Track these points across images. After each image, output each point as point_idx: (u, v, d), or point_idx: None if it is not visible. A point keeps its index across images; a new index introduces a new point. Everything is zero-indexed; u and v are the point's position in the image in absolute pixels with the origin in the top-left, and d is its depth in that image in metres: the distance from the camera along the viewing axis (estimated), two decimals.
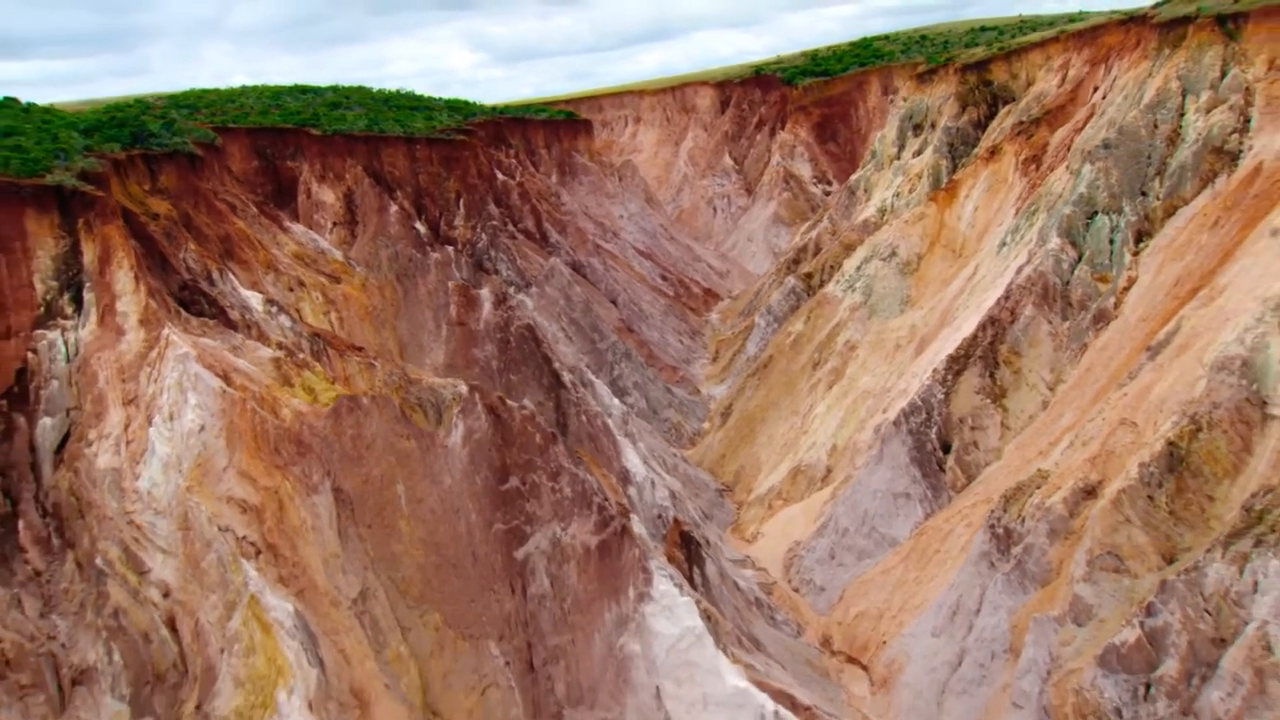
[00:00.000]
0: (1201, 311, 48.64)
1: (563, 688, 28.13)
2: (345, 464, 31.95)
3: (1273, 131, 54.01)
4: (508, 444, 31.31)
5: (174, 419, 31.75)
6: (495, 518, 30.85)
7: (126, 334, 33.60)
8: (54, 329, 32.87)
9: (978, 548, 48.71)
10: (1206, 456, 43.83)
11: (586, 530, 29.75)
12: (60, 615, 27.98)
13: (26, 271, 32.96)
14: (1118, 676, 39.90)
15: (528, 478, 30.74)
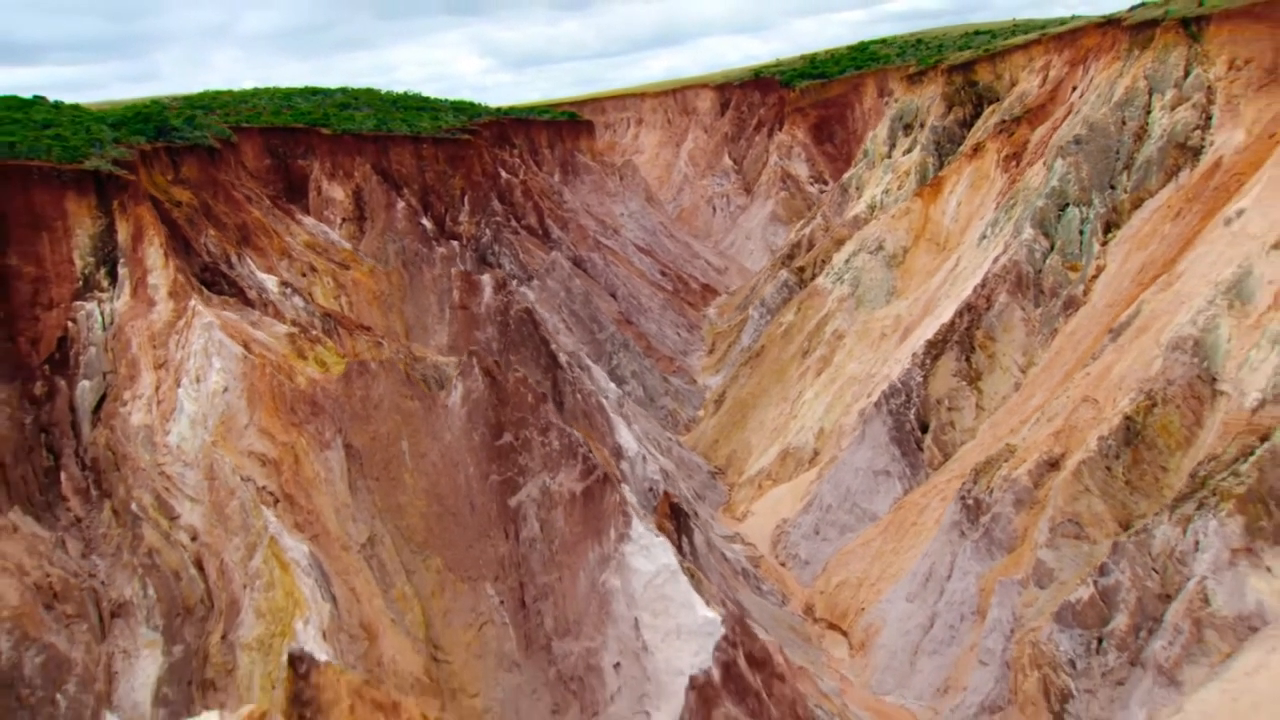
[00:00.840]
0: (1160, 296, 51.34)
1: (551, 621, 30.88)
2: (355, 422, 34.85)
3: (1232, 128, 56.69)
4: (502, 403, 34.11)
5: (200, 381, 34.71)
6: (491, 470, 33.70)
7: (157, 305, 36.57)
8: (91, 300, 35.85)
9: (949, 518, 51.39)
10: (1161, 430, 46.52)
11: (572, 479, 32.55)
12: (99, 556, 30.85)
13: (67, 248, 35.94)
14: (1072, 631, 42.56)
15: (520, 433, 33.54)
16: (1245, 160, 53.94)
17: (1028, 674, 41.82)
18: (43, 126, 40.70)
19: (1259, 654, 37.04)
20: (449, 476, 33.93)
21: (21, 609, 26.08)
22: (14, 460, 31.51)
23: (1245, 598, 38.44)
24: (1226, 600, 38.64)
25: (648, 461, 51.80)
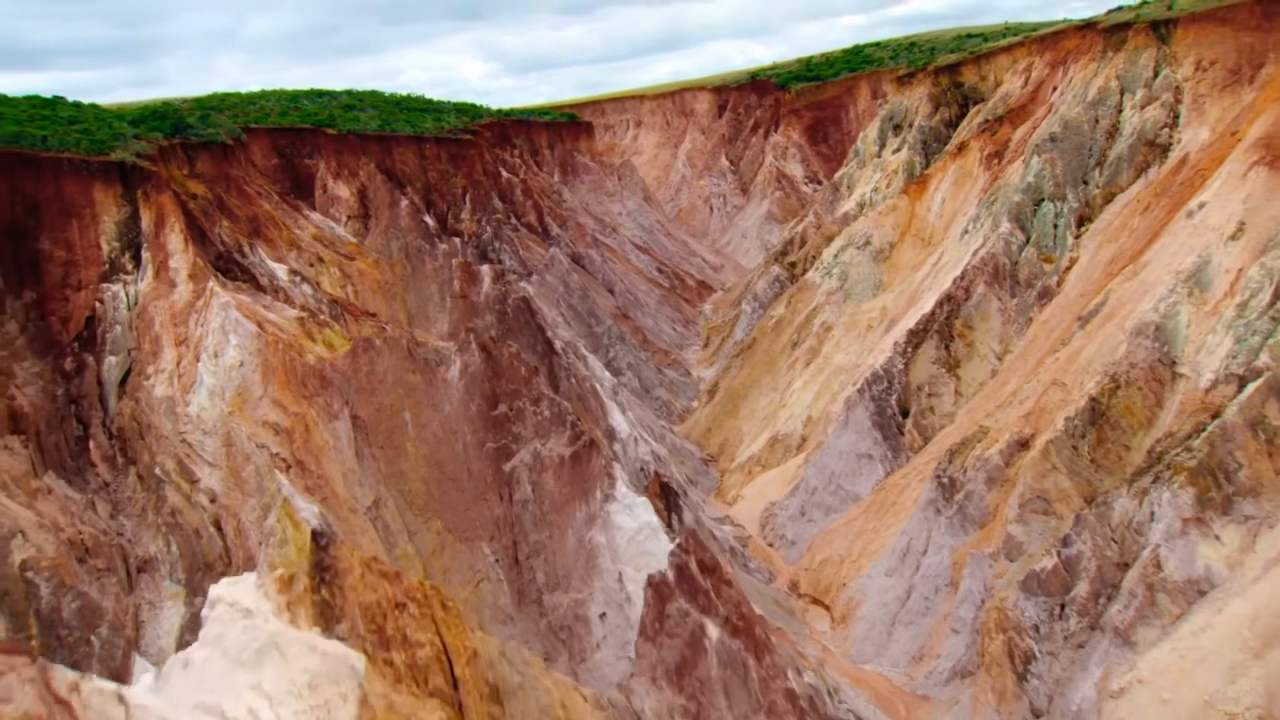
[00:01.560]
0: (1126, 285, 53.71)
1: (542, 576, 33.18)
2: (361, 395, 37.24)
3: (1198, 126, 59.08)
4: (497, 376, 36.47)
5: (218, 356, 37.13)
6: (486, 438, 36.04)
7: (178, 286, 39.00)
8: (117, 282, 38.27)
9: (925, 496, 53.74)
10: (1124, 410, 48.89)
11: (561, 444, 34.89)
12: (126, 516, 33.21)
13: (94, 234, 38.36)
14: (1037, 599, 44.89)
15: (514, 404, 35.87)
16: (1209, 157, 56.31)
17: (993, 637, 44.13)
18: (69, 122, 43.22)
19: (1206, 615, 39.41)
20: (448, 444, 36.33)
21: (58, 560, 28.41)
22: (47, 429, 33.92)
23: (1195, 564, 40.81)
24: (1178, 566, 41.00)
25: (639, 444, 54.17)
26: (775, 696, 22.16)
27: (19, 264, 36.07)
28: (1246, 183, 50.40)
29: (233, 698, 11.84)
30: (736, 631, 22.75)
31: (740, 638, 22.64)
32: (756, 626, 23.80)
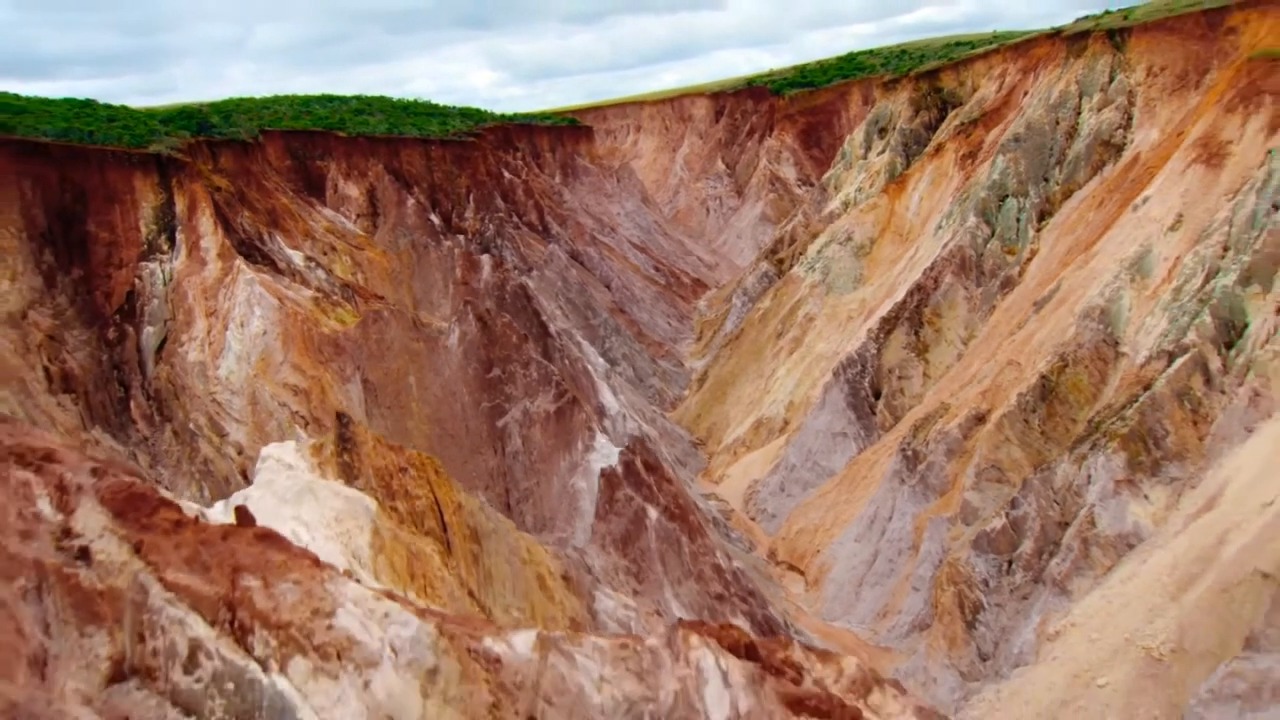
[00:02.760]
0: (1078, 273, 57.64)
1: (531, 519, 37.13)
2: (371, 361, 41.28)
3: (1149, 127, 63.04)
4: (492, 343, 40.42)
5: (244, 326, 41.23)
6: (482, 398, 39.99)
7: (208, 264, 43.08)
8: (154, 261, 42.38)
9: (891, 468, 57.64)
10: (1071, 387, 52.78)
11: (547, 401, 38.82)
12: (164, 466, 37.22)
13: (134, 218, 42.45)
14: (987, 556, 48.75)
15: (506, 368, 39.82)
16: (1157, 155, 60.29)
17: (945, 590, 47.98)
18: (108, 120, 47.33)
19: (1132, 565, 43.32)
20: (448, 404, 40.30)
21: None
22: (94, 389, 37.92)
23: (1125, 520, 44.73)
24: (1110, 523, 44.92)
25: (627, 420, 58.11)
26: (704, 568, 25.98)
27: (69, 245, 40.17)
28: (1185, 178, 54.34)
29: (280, 524, 15.54)
30: (673, 516, 26.69)
31: (675, 521, 26.45)
32: (691, 514, 27.66)
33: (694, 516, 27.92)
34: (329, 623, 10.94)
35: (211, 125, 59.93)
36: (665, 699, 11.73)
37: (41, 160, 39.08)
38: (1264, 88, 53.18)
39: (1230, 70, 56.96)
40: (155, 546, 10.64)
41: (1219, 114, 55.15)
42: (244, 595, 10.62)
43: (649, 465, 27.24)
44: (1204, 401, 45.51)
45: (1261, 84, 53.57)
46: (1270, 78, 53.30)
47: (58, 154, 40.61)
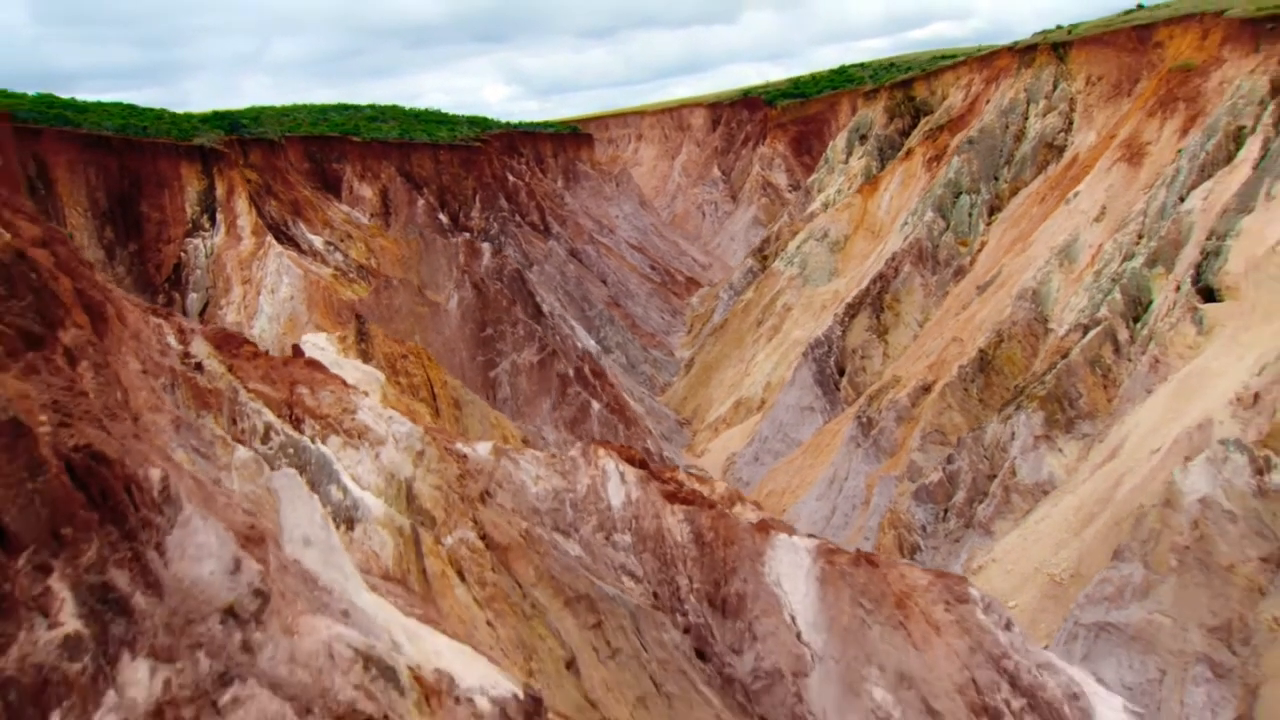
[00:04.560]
0: (1016, 260, 63.05)
1: None
2: (381, 322, 46.94)
3: (1087, 130, 68.47)
4: (486, 306, 45.91)
5: (274, 292, 46.94)
6: (477, 353, 45.51)
7: (243, 240, 48.82)
8: (197, 237, 48.18)
9: (848, 434, 63.04)
10: (1006, 360, 58.15)
11: (531, 354, 44.32)
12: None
13: (181, 201, 48.25)
14: (926, 506, 54.11)
15: (497, 328, 45.34)
16: (1092, 155, 65.74)
17: (887, 533, 53.32)
18: (156, 118, 53.24)
19: (1045, 508, 48.64)
20: (448, 359, 45.97)
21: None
22: None
23: (1041, 470, 50.09)
24: (1029, 472, 50.28)
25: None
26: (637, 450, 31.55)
27: (126, 224, 45.96)
28: (1110, 175, 59.82)
29: None
30: (612, 410, 32.14)
31: (614, 414, 31.80)
32: (628, 410, 33.04)
33: (629, 411, 33.33)
34: (353, 416, 16.41)
35: (242, 126, 65.93)
36: (580, 489, 16.89)
37: (104, 151, 44.95)
38: (1179, 95, 58.67)
39: (1154, 80, 62.45)
40: (240, 367, 16.13)
41: (1142, 118, 60.65)
42: (298, 398, 16.07)
43: (595, 372, 32.59)
44: (1113, 368, 50.88)
45: (1177, 92, 59.06)
46: (1184, 86, 58.79)
47: (117, 146, 46.45)
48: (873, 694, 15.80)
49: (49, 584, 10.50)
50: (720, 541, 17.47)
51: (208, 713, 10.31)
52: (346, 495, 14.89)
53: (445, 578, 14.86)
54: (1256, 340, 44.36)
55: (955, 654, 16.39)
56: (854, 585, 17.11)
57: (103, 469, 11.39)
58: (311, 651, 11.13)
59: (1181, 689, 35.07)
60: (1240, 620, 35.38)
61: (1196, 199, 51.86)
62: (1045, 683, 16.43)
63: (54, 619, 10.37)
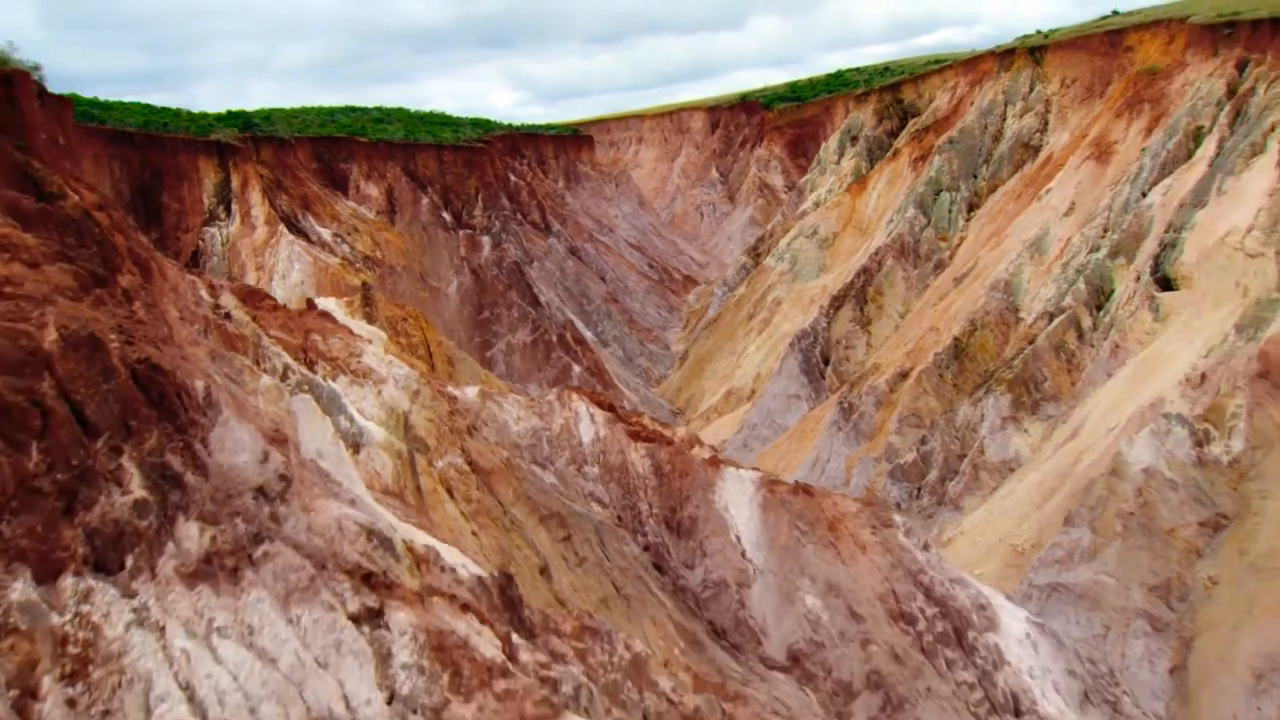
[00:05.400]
0: (991, 253, 65.56)
1: None
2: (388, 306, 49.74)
3: (1061, 131, 70.98)
4: (483, 291, 48.42)
5: (285, 277, 49.57)
6: (475, 334, 48.00)
7: (257, 229, 51.48)
8: (214, 226, 50.83)
9: (830, 418, 65.54)
10: (979, 348, 60.65)
11: (525, 334, 46.88)
12: None
13: (199, 192, 50.91)
14: (901, 484, 56.61)
15: (494, 310, 47.86)
16: (1065, 154, 68.22)
17: None
18: (174, 116, 55.95)
19: (1011, 484, 51.14)
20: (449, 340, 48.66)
21: None
22: None
23: (1008, 449, 52.58)
24: (996, 451, 52.77)
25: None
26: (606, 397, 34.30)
27: (148, 213, 48.64)
28: (1079, 172, 62.33)
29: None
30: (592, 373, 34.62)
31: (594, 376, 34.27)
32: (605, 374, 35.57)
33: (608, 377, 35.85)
34: (359, 359, 19.00)
35: (255, 124, 68.72)
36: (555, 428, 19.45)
37: (127, 146, 47.63)
38: (1145, 97, 61.20)
39: (1122, 82, 64.99)
40: (263, 317, 18.74)
41: (1110, 119, 63.19)
42: (312, 344, 18.65)
43: (576, 339, 35.09)
44: (1076, 353, 53.40)
45: (1143, 94, 61.59)
46: (1150, 88, 61.32)
47: (140, 141, 49.17)
48: (805, 601, 18.23)
49: (121, 462, 13.20)
50: (676, 473, 19.98)
51: (245, 563, 12.95)
52: (353, 424, 17.44)
53: (437, 494, 17.39)
54: (1206, 325, 46.88)
55: (878, 569, 18.84)
56: (792, 510, 19.60)
57: (159, 378, 14.09)
58: (325, 524, 13.78)
59: (1123, 642, 37.58)
60: (1178, 579, 37.90)
61: (1157, 194, 54.36)
62: (956, 594, 18.88)
63: (125, 488, 13.08)
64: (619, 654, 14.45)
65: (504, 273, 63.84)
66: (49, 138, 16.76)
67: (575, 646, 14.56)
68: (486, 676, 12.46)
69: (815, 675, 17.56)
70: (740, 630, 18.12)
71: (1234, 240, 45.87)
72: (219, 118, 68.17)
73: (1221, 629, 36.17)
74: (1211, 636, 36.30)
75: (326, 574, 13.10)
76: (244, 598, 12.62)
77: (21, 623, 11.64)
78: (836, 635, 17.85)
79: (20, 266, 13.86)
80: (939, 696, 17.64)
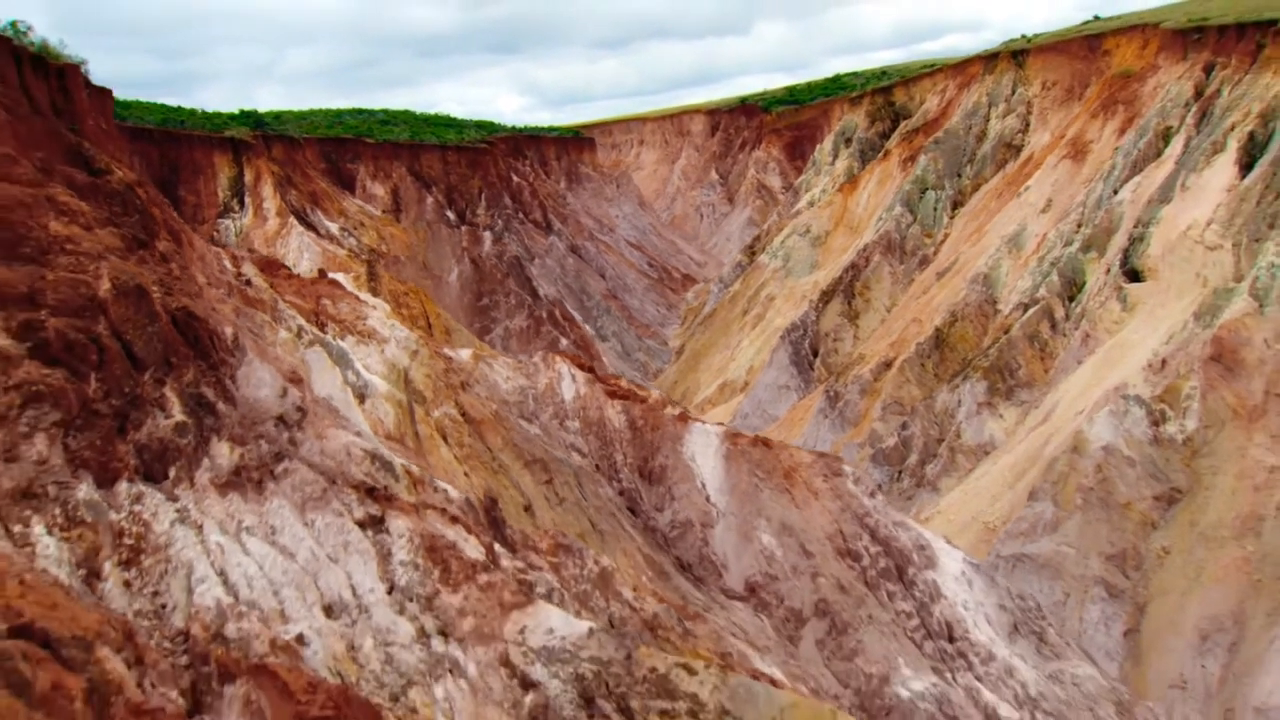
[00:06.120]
0: (972, 248, 67.66)
1: None
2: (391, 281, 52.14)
3: (1042, 131, 73.08)
4: (482, 278, 50.60)
5: (295, 266, 51.86)
6: (474, 319, 50.20)
7: (269, 220, 53.78)
8: (229, 218, 53.14)
9: (818, 406, 67.63)
10: (959, 338, 62.74)
11: (522, 319, 49.04)
12: None
13: (214, 186, 53.25)
14: (883, 467, 58.67)
15: (492, 297, 50.01)
16: (1044, 154, 70.31)
17: None
18: (189, 115, 58.30)
19: (985, 467, 53.20)
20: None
21: None
22: None
23: (983, 433, 54.65)
24: (972, 435, 54.84)
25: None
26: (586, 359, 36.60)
27: None
28: (1056, 171, 64.43)
29: None
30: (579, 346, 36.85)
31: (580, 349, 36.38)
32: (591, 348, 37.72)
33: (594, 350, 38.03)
34: (364, 322, 21.21)
35: (266, 123, 71.08)
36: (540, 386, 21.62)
37: (146, 141, 50.01)
38: (1119, 99, 63.32)
39: (1099, 85, 67.12)
40: (279, 284, 20.96)
41: (1086, 119, 65.32)
42: (323, 307, 20.87)
43: (564, 315, 37.21)
44: (1049, 342, 55.48)
45: (1118, 96, 63.71)
46: (1124, 90, 63.44)
47: (158, 137, 51.50)
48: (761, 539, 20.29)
49: (164, 391, 15.47)
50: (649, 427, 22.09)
51: (268, 476, 15.17)
52: (359, 377, 19.60)
53: (433, 439, 19.55)
54: (1169, 314, 48.99)
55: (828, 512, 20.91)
56: (751, 460, 21.73)
57: (194, 323, 16.38)
58: (335, 449, 16.01)
59: (1082, 607, 39.68)
60: (1134, 549, 40.02)
61: (1128, 191, 56.46)
62: (898, 536, 20.95)
63: (168, 412, 15.35)
64: (589, 568, 16.61)
65: (503, 264, 65.98)
66: (94, 124, 19.04)
67: (550, 561, 16.74)
68: (471, 572, 14.67)
69: (769, 604, 19.64)
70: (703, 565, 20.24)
71: (1195, 234, 47.97)
72: (232, 117, 70.53)
73: (1172, 595, 38.29)
74: (1163, 602, 38.41)
75: (336, 488, 15.33)
76: (267, 504, 14.85)
77: (87, 516, 13.92)
78: (789, 569, 19.93)
79: (78, 228, 16.16)
80: (879, 623, 19.68)
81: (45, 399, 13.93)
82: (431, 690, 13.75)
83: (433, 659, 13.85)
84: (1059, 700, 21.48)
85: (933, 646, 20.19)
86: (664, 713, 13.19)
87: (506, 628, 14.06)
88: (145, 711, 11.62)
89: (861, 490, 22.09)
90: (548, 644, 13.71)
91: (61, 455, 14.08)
